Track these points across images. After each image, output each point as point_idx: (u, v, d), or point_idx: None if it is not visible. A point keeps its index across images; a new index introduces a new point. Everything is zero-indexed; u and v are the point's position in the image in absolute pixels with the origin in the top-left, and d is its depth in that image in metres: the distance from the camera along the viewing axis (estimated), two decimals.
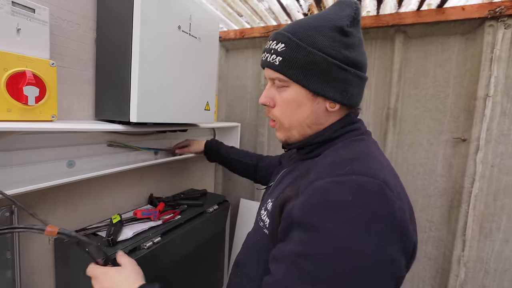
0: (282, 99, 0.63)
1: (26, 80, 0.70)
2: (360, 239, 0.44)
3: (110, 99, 0.92)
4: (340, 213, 0.45)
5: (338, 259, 0.44)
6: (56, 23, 0.83)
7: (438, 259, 1.48)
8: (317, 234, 0.46)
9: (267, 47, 0.64)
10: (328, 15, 0.60)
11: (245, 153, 1.24)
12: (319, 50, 0.57)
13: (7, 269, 0.78)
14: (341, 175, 0.49)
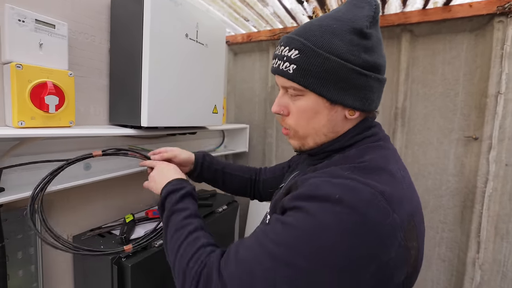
0: (296, 108, 0.60)
1: (47, 90, 0.79)
2: (331, 230, 0.44)
3: (123, 105, 1.00)
4: (323, 204, 0.46)
5: (306, 235, 0.45)
6: (73, 36, 0.92)
7: (453, 261, 1.48)
8: (298, 212, 0.48)
9: (278, 53, 0.60)
10: (345, 16, 0.57)
11: (241, 168, 1.10)
12: (337, 56, 0.53)
13: (30, 263, 0.87)
14: (337, 177, 0.49)
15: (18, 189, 0.78)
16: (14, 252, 0.83)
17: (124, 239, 0.94)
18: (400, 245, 0.46)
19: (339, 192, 0.46)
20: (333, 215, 0.45)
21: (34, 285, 0.88)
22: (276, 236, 0.48)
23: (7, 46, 0.74)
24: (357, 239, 0.44)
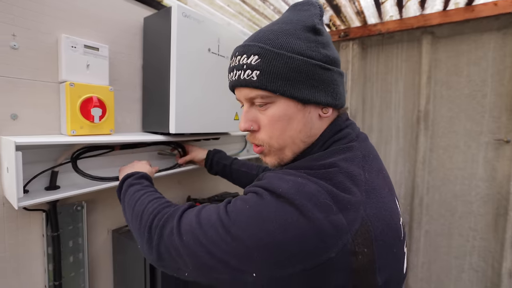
0: (268, 119, 0.59)
1: (93, 103, 0.99)
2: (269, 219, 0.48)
3: (154, 115, 1.19)
4: (270, 195, 0.51)
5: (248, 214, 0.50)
6: (113, 56, 1.13)
7: (486, 272, 1.49)
8: (248, 194, 0.55)
9: (234, 64, 0.60)
10: (294, 18, 0.60)
11: (248, 164, 1.25)
12: (299, 54, 0.55)
13: (79, 251, 1.08)
14: (291, 175, 0.54)
15: (70, 187, 0.99)
16: (66, 241, 1.04)
17: None
18: (345, 247, 0.45)
19: (283, 187, 0.50)
20: (273, 206, 0.48)
21: (81, 270, 1.08)
22: (230, 208, 0.53)
23: (63, 68, 0.96)
24: (294, 232, 0.45)
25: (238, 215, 0.50)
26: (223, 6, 1.37)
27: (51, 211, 0.98)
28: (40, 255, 0.99)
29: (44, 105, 0.97)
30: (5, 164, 0.84)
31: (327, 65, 0.57)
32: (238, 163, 1.25)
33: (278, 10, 1.41)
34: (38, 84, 0.95)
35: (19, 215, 0.94)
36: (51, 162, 0.99)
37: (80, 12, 1.03)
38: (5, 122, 0.89)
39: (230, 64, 0.63)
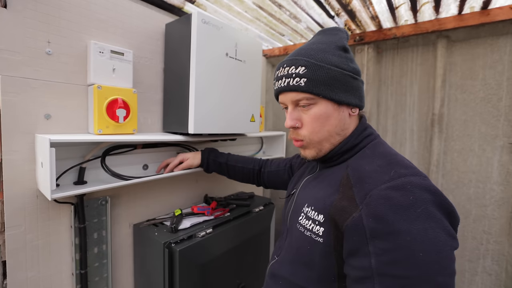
0: (310, 117, 0.73)
1: (118, 104, 1.05)
2: (432, 229, 0.53)
3: (174, 115, 1.24)
4: (408, 213, 0.54)
5: (422, 254, 0.51)
6: (136, 60, 1.19)
7: (500, 275, 1.47)
8: (396, 239, 0.53)
9: (284, 73, 0.74)
10: (327, 40, 0.75)
11: (244, 159, 1.32)
12: (335, 66, 0.70)
13: (103, 243, 1.14)
14: (392, 180, 0.59)
15: (96, 183, 1.05)
16: (91, 233, 1.10)
17: (174, 228, 1.16)
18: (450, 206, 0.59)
19: (410, 194, 0.56)
20: (422, 217, 0.54)
21: (104, 261, 1.14)
22: (407, 270, 0.53)
23: (91, 72, 1.02)
24: (442, 220, 0.55)
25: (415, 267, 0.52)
26: (241, 12, 1.41)
27: (79, 204, 1.05)
28: (68, 245, 1.05)
29: (74, 106, 1.03)
30: (40, 160, 0.91)
31: (354, 75, 0.73)
32: (233, 159, 1.31)
33: (294, 16, 1.44)
34: (69, 87, 1.01)
35: (51, 207, 1.00)
36: (79, 159, 1.06)
37: (108, 20, 1.09)
38: (40, 122, 0.95)
39: (278, 74, 0.77)
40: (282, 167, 1.21)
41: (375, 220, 0.56)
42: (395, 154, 0.70)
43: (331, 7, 1.33)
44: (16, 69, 0.89)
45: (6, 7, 0.87)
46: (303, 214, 0.74)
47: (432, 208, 0.54)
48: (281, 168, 1.22)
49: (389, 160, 0.66)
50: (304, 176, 0.89)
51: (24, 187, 0.93)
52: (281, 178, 1.21)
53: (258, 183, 1.32)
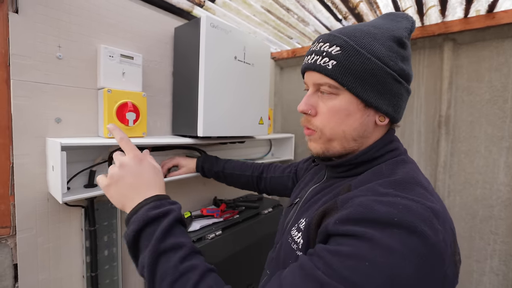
0: (328, 108, 0.58)
1: (128, 108, 1.01)
2: (399, 255, 0.40)
3: (183, 119, 1.21)
4: (384, 229, 0.42)
5: (374, 266, 0.40)
6: (145, 64, 1.16)
7: (507, 275, 1.42)
8: (356, 239, 0.43)
9: (315, 48, 0.59)
10: (384, 26, 0.58)
11: (242, 166, 1.20)
12: (377, 58, 0.54)
13: (113, 246, 1.10)
14: (385, 195, 0.47)
15: None
16: (101, 236, 1.06)
17: None
18: (452, 259, 0.44)
19: (395, 213, 0.43)
20: (395, 240, 0.41)
21: (114, 263, 1.11)
22: (333, 271, 0.42)
23: (101, 76, 0.99)
24: (423, 261, 0.40)
25: (359, 277, 0.40)
26: (249, 16, 1.37)
27: (89, 207, 1.01)
28: (79, 248, 1.02)
29: (84, 109, 1.00)
30: (51, 163, 0.87)
31: (400, 77, 0.56)
32: (230, 167, 1.20)
33: (302, 19, 1.40)
34: (79, 91, 0.98)
35: (61, 210, 0.97)
36: (89, 162, 1.02)
37: (117, 24, 1.06)
38: (51, 125, 0.92)
39: (310, 48, 0.62)
40: (286, 173, 1.10)
41: (342, 222, 0.46)
42: (417, 177, 0.52)
43: (339, 11, 1.28)
44: (27, 74, 0.86)
45: (18, 13, 0.84)
46: (297, 225, 0.61)
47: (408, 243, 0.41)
48: (285, 174, 1.10)
49: (402, 180, 0.51)
50: (311, 185, 0.73)
51: (35, 190, 0.90)
52: (284, 185, 1.09)
53: (259, 190, 1.19)
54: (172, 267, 0.48)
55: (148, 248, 0.50)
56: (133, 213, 0.56)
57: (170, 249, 0.51)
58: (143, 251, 0.51)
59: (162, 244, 0.51)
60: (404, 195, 0.46)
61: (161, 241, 0.50)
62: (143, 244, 0.52)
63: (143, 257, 0.51)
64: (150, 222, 0.53)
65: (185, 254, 0.51)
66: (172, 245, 0.51)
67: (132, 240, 0.53)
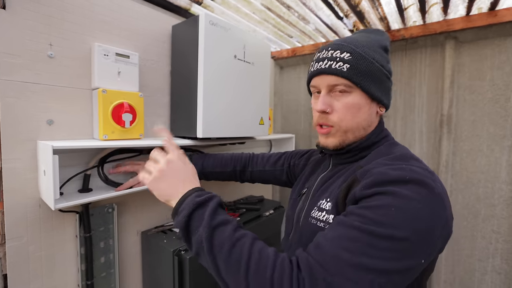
0: (343, 104, 0.67)
1: (124, 109, 0.95)
2: (416, 201, 0.50)
3: (181, 119, 1.14)
4: (401, 185, 0.52)
5: (398, 210, 0.49)
6: (142, 63, 1.09)
7: (509, 274, 1.39)
8: (381, 195, 0.52)
9: (327, 55, 0.67)
10: (371, 37, 0.71)
11: (222, 162, 1.12)
12: (377, 62, 0.66)
13: (110, 252, 1.04)
14: (394, 164, 0.58)
15: (102, 190, 0.95)
16: (97, 242, 1.00)
17: None
18: (448, 212, 0.54)
19: (406, 174, 0.53)
20: (411, 191, 0.51)
21: (111, 270, 1.04)
22: (368, 219, 0.50)
23: (96, 75, 0.92)
24: (432, 205, 0.51)
25: (392, 219, 0.49)
26: (249, 13, 1.31)
27: (84, 213, 0.95)
28: (74, 255, 0.95)
29: (78, 111, 0.93)
30: (42, 167, 0.81)
31: (389, 75, 0.70)
32: (209, 165, 1.11)
33: (302, 17, 1.35)
34: (73, 91, 0.91)
35: (54, 216, 0.90)
36: (84, 166, 0.96)
37: (112, 22, 1.00)
38: (42, 128, 0.85)
39: (320, 56, 0.69)
40: (279, 167, 1.08)
41: (365, 188, 0.55)
42: (410, 152, 0.66)
43: (340, 8, 1.23)
44: (16, 73, 0.79)
45: (5, 8, 0.77)
46: (317, 207, 0.68)
47: (429, 192, 0.51)
48: (277, 168, 1.08)
49: (403, 156, 0.62)
50: (318, 174, 0.81)
51: (26, 196, 0.83)
52: (276, 179, 1.08)
53: (241, 181, 1.16)
54: (227, 236, 0.55)
55: (202, 225, 0.57)
56: (181, 202, 0.63)
57: (221, 224, 0.57)
58: (196, 230, 0.58)
59: (214, 220, 0.57)
60: (407, 164, 0.58)
61: (212, 219, 0.57)
62: (194, 225, 0.58)
63: (199, 235, 0.57)
64: (198, 206, 0.60)
65: (234, 227, 0.57)
66: (222, 221, 0.58)
67: (184, 224, 0.59)
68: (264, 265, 0.50)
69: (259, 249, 0.53)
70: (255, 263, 0.51)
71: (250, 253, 0.52)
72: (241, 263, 0.51)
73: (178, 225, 0.60)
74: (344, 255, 0.48)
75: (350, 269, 0.47)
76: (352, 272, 0.46)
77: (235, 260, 0.52)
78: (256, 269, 0.50)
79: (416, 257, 0.49)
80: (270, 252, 0.53)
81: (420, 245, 0.49)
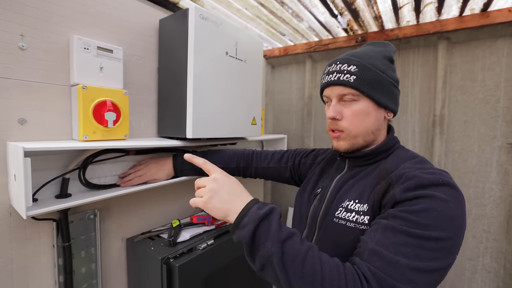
0: (351, 111, 0.72)
1: (107, 107, 0.85)
2: (451, 203, 0.54)
3: (170, 119, 1.05)
4: (436, 188, 0.56)
5: (436, 213, 0.53)
6: (127, 58, 0.99)
7: (498, 272, 1.37)
8: (422, 199, 0.56)
9: (336, 69, 0.73)
10: (377, 49, 0.76)
11: (225, 157, 1.11)
12: (382, 72, 0.71)
13: (91, 262, 0.93)
14: (423, 169, 0.62)
15: (82, 195, 0.85)
16: (78, 251, 0.90)
17: (172, 242, 0.97)
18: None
19: (438, 178, 0.58)
20: (445, 194, 0.55)
21: (94, 281, 0.94)
22: (413, 223, 0.54)
23: (75, 70, 0.82)
24: (461, 204, 0.56)
25: (436, 222, 0.53)
26: (241, 9, 1.23)
27: (62, 220, 0.84)
28: (50, 267, 0.85)
29: (55, 109, 0.82)
30: (13, 172, 0.70)
31: (395, 83, 0.74)
32: (212, 161, 0.96)
33: (296, 14, 1.27)
34: (48, 87, 0.81)
35: (28, 225, 0.80)
36: (62, 169, 0.85)
37: (94, 13, 0.89)
38: (13, 127, 0.74)
39: (330, 69, 0.75)
40: (283, 164, 1.07)
41: (404, 191, 0.59)
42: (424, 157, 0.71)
43: (335, 6, 1.16)
44: None
45: None
46: (342, 208, 0.71)
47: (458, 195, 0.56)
48: (282, 165, 1.07)
49: (422, 159, 0.69)
50: (333, 175, 0.83)
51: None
52: (280, 175, 1.08)
53: (243, 176, 1.15)
54: (297, 250, 0.55)
55: (270, 240, 0.55)
56: (242, 216, 0.59)
57: (288, 237, 0.57)
58: (263, 244, 0.56)
59: (281, 234, 0.56)
60: (431, 168, 0.63)
61: (280, 233, 0.56)
62: (260, 239, 0.57)
63: (267, 249, 0.55)
64: (262, 219, 0.58)
65: (299, 238, 0.58)
66: (288, 234, 0.57)
67: (250, 239, 0.57)
68: (337, 278, 0.52)
69: (327, 260, 0.55)
70: (328, 276, 0.53)
71: (321, 265, 0.54)
72: (315, 276, 0.53)
73: (243, 239, 0.58)
74: (402, 260, 0.51)
75: (410, 272, 0.51)
76: (412, 275, 0.51)
77: (309, 274, 0.53)
78: (330, 282, 0.52)
79: (456, 253, 0.54)
80: (338, 263, 0.56)
81: (460, 240, 0.55)
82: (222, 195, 0.64)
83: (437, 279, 0.53)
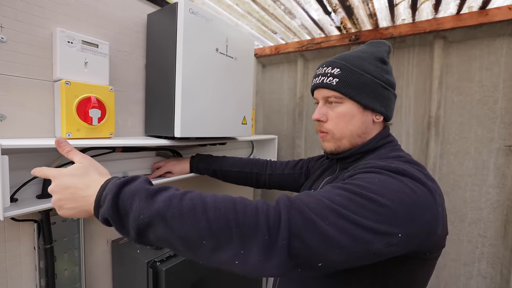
0: (336, 113, 0.74)
1: (91, 104, 0.85)
2: (399, 179, 0.54)
3: (157, 117, 1.05)
4: (385, 171, 0.57)
5: (380, 181, 0.54)
6: (113, 54, 0.99)
7: (495, 278, 1.37)
8: (364, 174, 0.58)
9: (321, 72, 0.76)
10: (369, 50, 0.77)
11: (240, 162, 1.17)
12: (367, 73, 0.71)
13: (75, 265, 0.93)
14: (385, 160, 0.64)
15: None
16: (61, 254, 0.89)
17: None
18: (438, 205, 0.56)
19: (393, 164, 0.58)
20: (395, 177, 0.55)
21: (77, 285, 0.93)
22: (350, 185, 0.54)
23: (58, 65, 0.81)
24: (419, 191, 0.54)
25: (376, 186, 0.53)
26: (231, 5, 1.23)
27: (44, 221, 0.84)
28: (31, 270, 0.84)
29: (36, 105, 0.82)
30: None
31: (386, 85, 0.73)
32: (228, 164, 1.16)
33: (289, 11, 1.27)
34: (30, 82, 0.80)
35: (7, 227, 0.79)
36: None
37: (79, 6, 0.89)
38: None
39: (317, 72, 0.79)
40: (298, 170, 1.12)
41: (357, 169, 0.62)
42: (411, 158, 0.67)
43: (329, 2, 1.17)
44: None
45: None
46: None
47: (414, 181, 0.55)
48: (297, 171, 1.12)
49: (397, 157, 0.66)
50: (324, 177, 0.87)
51: None
52: (295, 181, 1.12)
53: (257, 186, 1.19)
54: (172, 193, 0.50)
55: (137, 198, 0.48)
56: (100, 195, 0.51)
57: (162, 189, 0.51)
58: (130, 207, 0.48)
59: (150, 189, 0.50)
60: (400, 162, 0.62)
61: (148, 189, 0.50)
62: (126, 204, 0.48)
63: (135, 209, 0.47)
64: (124, 184, 0.51)
65: (176, 189, 0.53)
66: (161, 187, 0.52)
67: (112, 207, 0.48)
68: (230, 200, 0.50)
69: (214, 194, 0.52)
70: (213, 202, 0.49)
71: (203, 197, 0.50)
72: (196, 206, 0.47)
73: (107, 214, 0.48)
74: (326, 201, 0.50)
75: (329, 211, 0.49)
76: (328, 213, 0.48)
77: (189, 208, 0.47)
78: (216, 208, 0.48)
79: (394, 227, 0.50)
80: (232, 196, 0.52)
81: (400, 217, 0.50)
82: (67, 203, 0.54)
83: (360, 238, 0.47)
